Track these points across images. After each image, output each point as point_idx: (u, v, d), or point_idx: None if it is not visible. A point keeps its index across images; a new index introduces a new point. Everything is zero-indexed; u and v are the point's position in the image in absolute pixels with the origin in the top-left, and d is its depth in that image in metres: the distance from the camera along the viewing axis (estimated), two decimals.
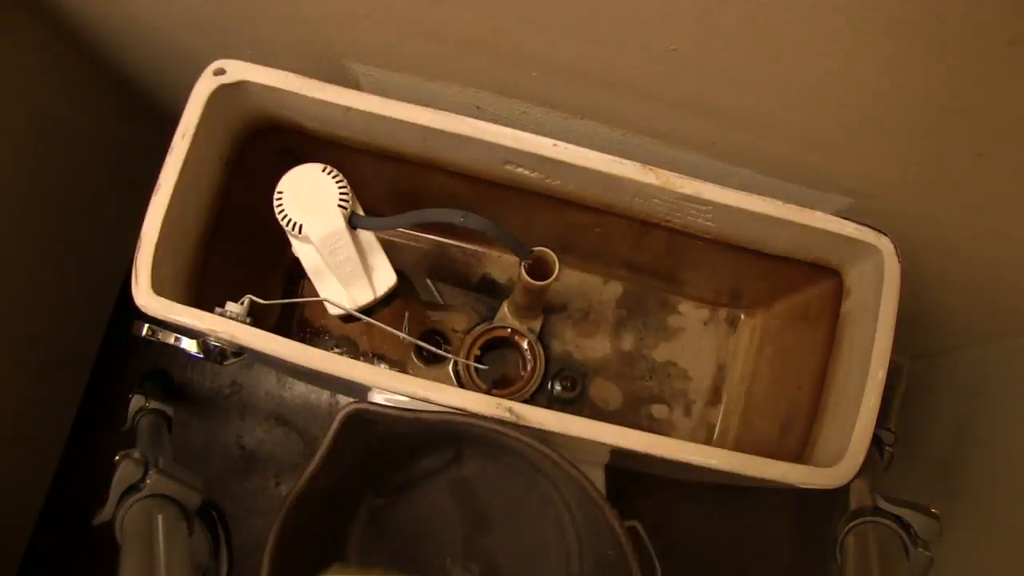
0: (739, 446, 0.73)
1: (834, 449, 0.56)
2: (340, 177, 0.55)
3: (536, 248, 0.61)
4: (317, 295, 0.59)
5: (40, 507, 0.93)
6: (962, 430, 0.82)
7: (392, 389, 0.52)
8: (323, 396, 0.99)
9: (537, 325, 0.76)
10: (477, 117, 0.56)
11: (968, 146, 0.52)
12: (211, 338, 0.54)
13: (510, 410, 0.52)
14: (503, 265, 0.81)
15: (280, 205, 0.55)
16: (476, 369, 0.76)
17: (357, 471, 0.67)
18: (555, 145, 0.56)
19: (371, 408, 0.56)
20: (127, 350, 0.97)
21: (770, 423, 0.70)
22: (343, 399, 0.97)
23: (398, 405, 0.56)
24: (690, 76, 0.52)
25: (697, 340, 0.80)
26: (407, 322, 0.73)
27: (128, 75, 0.81)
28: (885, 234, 0.57)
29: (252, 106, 0.59)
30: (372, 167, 0.64)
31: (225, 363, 0.56)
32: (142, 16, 0.66)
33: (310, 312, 0.80)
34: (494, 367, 0.78)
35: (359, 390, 0.64)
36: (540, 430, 0.53)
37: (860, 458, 0.54)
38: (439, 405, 0.53)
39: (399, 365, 0.78)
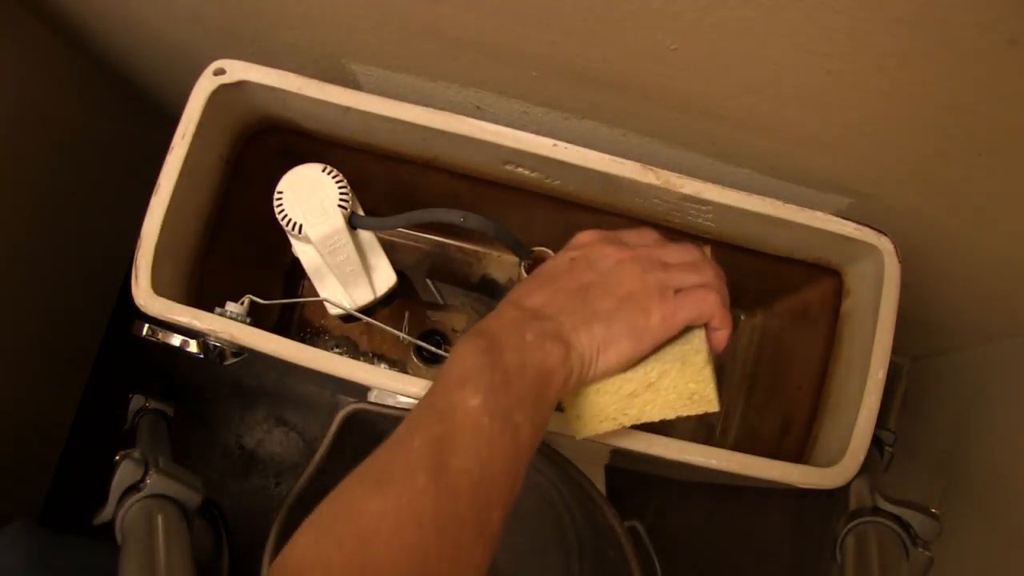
0: (739, 446, 0.73)
1: (834, 449, 0.56)
2: (340, 177, 0.55)
3: (536, 248, 0.61)
4: (317, 295, 0.59)
5: (40, 507, 0.93)
6: (962, 430, 0.82)
7: (392, 389, 0.52)
8: (323, 396, 0.99)
9: None
10: (477, 117, 0.56)
11: (968, 146, 0.52)
12: (211, 338, 0.54)
13: None
14: (503, 265, 0.81)
15: (280, 205, 0.55)
16: None
17: None
18: (555, 145, 0.56)
19: (371, 408, 0.56)
20: (127, 350, 0.97)
21: (770, 423, 0.70)
22: (343, 399, 0.97)
23: (398, 405, 0.56)
24: (690, 76, 0.52)
25: None
26: (407, 322, 0.73)
27: (128, 75, 0.81)
28: (885, 234, 0.57)
29: (252, 106, 0.59)
30: (372, 167, 0.64)
31: (225, 363, 0.56)
32: (142, 15, 0.66)
33: (310, 312, 0.80)
34: None
35: (359, 390, 0.64)
36: None
37: (860, 458, 0.54)
38: None
39: (399, 365, 0.78)
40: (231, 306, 0.55)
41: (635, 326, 0.40)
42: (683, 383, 0.43)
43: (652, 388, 0.44)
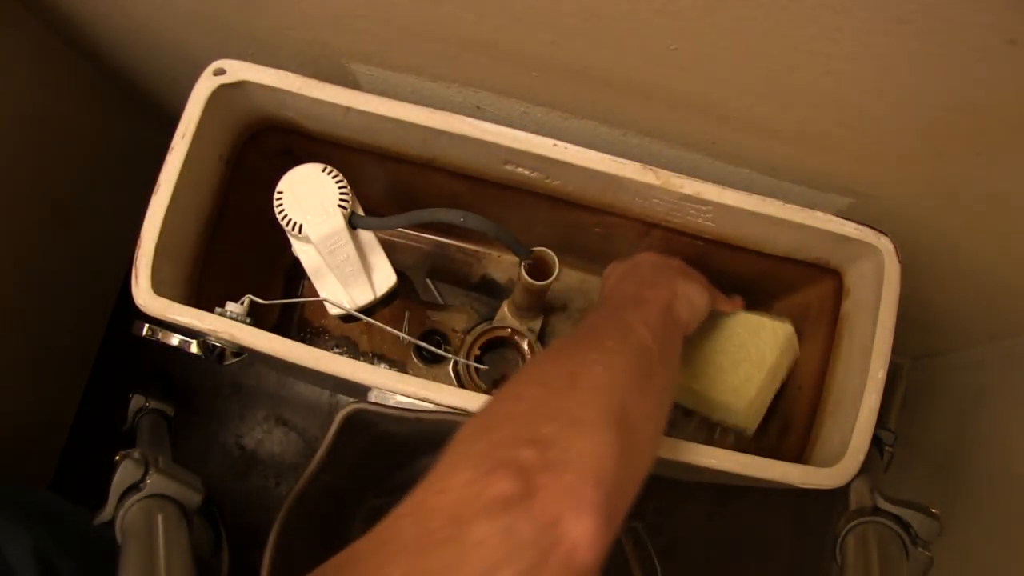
0: (739, 446, 0.73)
1: (834, 449, 0.56)
2: (340, 177, 0.55)
3: (536, 248, 0.61)
4: (317, 295, 0.59)
5: None
6: (962, 430, 0.82)
7: (392, 389, 0.52)
8: (323, 396, 0.99)
9: (537, 325, 0.76)
10: (477, 117, 0.56)
11: (968, 146, 0.52)
12: (211, 338, 0.54)
13: None
14: (503, 265, 0.81)
15: (280, 205, 0.55)
16: (476, 369, 0.76)
17: (357, 471, 0.67)
18: (555, 145, 0.56)
19: (371, 408, 0.56)
20: (127, 350, 0.97)
21: (770, 423, 0.70)
22: (343, 399, 0.97)
23: (398, 405, 0.56)
24: (690, 76, 0.52)
25: None
26: (407, 322, 0.73)
27: (128, 75, 0.81)
28: (885, 234, 0.57)
29: (252, 106, 0.59)
30: (372, 167, 0.64)
31: (225, 363, 0.56)
32: (142, 16, 0.66)
33: (310, 312, 0.80)
34: (494, 367, 0.79)
35: (359, 390, 0.64)
36: None
37: (860, 458, 0.54)
38: (439, 405, 0.53)
39: (399, 365, 0.78)
40: (231, 306, 0.55)
41: (701, 284, 0.57)
42: (788, 343, 0.66)
43: (779, 365, 0.65)
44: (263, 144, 0.63)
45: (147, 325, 0.56)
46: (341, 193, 0.55)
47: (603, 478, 0.32)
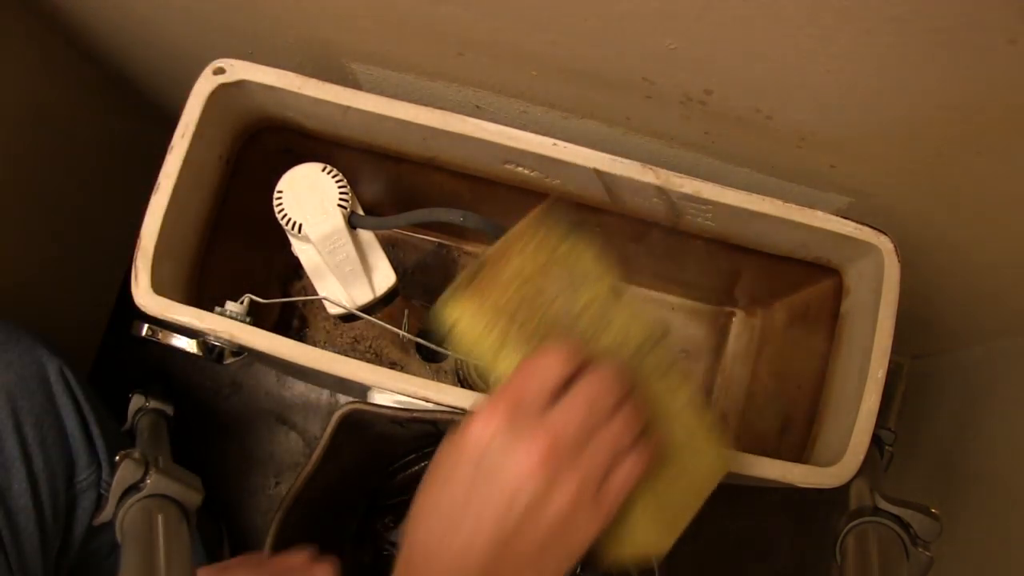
0: (739, 446, 0.73)
1: (834, 449, 0.56)
2: (340, 176, 0.55)
3: None
4: (317, 294, 0.59)
5: None
6: (962, 430, 0.82)
7: (392, 389, 0.52)
8: (323, 396, 0.99)
9: None
10: (477, 116, 0.56)
11: (968, 146, 0.52)
12: (211, 337, 0.54)
13: None
14: None
15: (280, 204, 0.55)
16: (476, 368, 0.76)
17: (355, 471, 0.67)
18: (555, 144, 0.56)
19: (368, 409, 0.56)
20: (127, 350, 0.97)
21: (770, 423, 0.70)
22: (343, 399, 0.97)
23: (396, 405, 0.56)
24: (689, 75, 0.52)
25: (696, 340, 0.80)
26: (407, 320, 0.73)
27: (128, 74, 0.81)
28: (885, 233, 0.57)
29: (252, 105, 0.59)
30: (372, 167, 0.64)
31: (225, 363, 0.56)
32: (142, 15, 0.66)
33: (310, 312, 0.80)
34: None
35: (359, 390, 0.64)
36: None
37: (860, 458, 0.54)
38: (439, 404, 0.53)
39: (399, 364, 0.78)
40: (231, 306, 0.55)
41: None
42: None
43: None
44: (263, 143, 0.63)
45: (147, 325, 0.56)
46: (341, 192, 0.55)
47: None
